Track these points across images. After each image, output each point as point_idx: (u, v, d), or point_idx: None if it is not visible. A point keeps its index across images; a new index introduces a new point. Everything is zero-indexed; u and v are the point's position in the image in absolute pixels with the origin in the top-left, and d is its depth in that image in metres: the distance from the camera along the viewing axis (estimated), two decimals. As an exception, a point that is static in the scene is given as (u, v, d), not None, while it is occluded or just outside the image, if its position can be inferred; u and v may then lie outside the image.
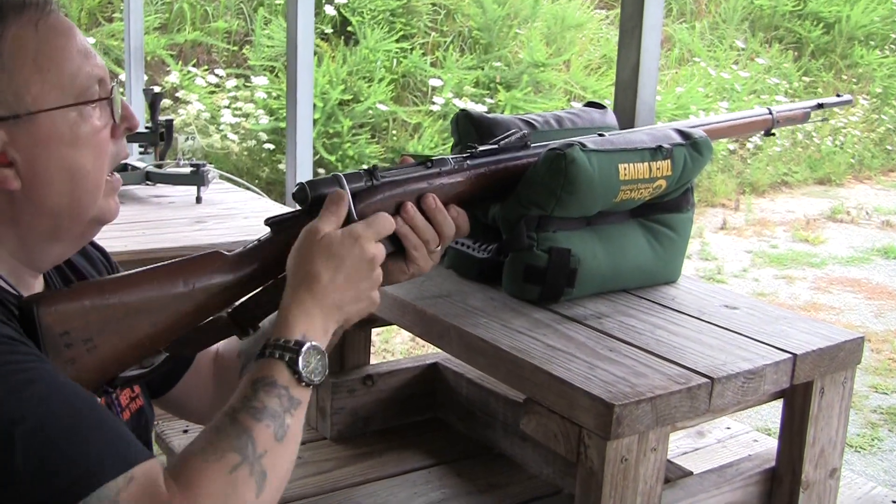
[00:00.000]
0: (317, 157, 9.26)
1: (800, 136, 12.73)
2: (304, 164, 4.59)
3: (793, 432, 2.02)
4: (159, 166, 4.49)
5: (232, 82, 10.31)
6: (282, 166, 9.10)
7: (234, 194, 4.47)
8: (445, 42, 11.50)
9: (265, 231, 1.64)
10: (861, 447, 5.36)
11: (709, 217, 10.62)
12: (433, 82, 10.82)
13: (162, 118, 4.54)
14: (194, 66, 10.43)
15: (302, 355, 1.40)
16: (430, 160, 1.80)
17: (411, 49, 11.15)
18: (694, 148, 2.20)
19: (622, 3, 2.91)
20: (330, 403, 2.54)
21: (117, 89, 1.51)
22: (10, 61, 1.39)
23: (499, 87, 11.11)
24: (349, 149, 9.79)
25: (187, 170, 4.33)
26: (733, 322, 2.05)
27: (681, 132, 2.23)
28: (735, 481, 2.00)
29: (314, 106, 8.75)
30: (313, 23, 4.62)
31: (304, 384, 1.40)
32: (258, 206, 4.09)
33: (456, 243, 2.19)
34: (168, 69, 10.21)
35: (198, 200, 4.20)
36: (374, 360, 2.69)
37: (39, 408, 1.21)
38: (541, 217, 2.04)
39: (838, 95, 2.79)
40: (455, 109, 10.06)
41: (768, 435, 2.93)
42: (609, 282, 2.18)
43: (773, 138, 12.21)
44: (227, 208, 4.05)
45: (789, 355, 1.87)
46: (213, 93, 10.14)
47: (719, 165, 11.64)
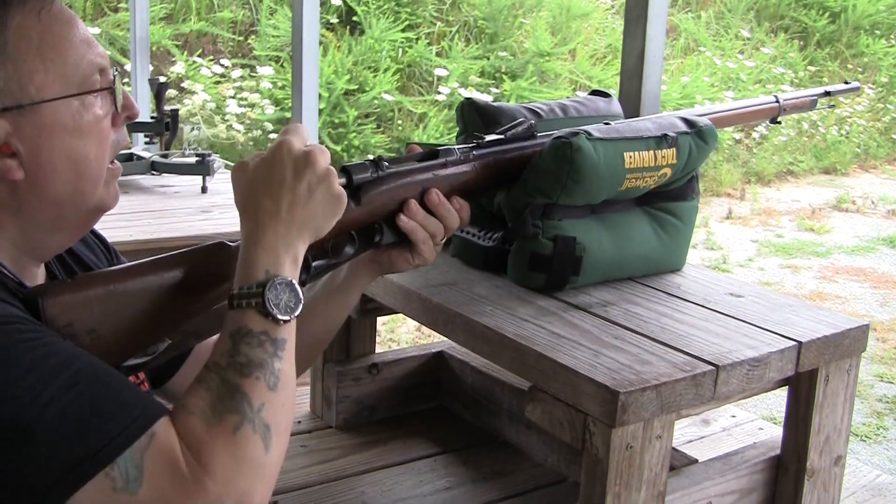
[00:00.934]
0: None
1: (805, 125, 12.71)
2: (310, 154, 4.58)
3: (798, 420, 2.02)
4: (164, 156, 4.50)
5: (237, 72, 10.31)
6: (287, 156, 9.07)
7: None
8: (451, 32, 11.49)
9: None
10: (867, 436, 5.36)
11: (714, 206, 10.61)
12: (439, 72, 10.82)
13: (167, 108, 4.55)
14: (200, 56, 10.43)
15: (267, 295, 1.36)
16: (437, 150, 1.80)
17: (417, 39, 11.14)
18: (699, 136, 2.19)
19: (627, -9, 2.91)
20: (335, 392, 2.54)
21: (118, 78, 1.51)
22: (14, 50, 1.39)
23: (504, 76, 11.10)
24: (355, 139, 9.79)
25: (192, 159, 4.33)
26: (738, 310, 2.05)
27: (686, 120, 2.23)
28: (740, 469, 2.00)
29: (319, 96, 8.76)
30: (319, 12, 4.62)
31: (281, 322, 1.37)
32: (263, 196, 4.08)
33: (461, 232, 2.19)
34: (174, 59, 10.21)
35: (203, 190, 4.21)
36: (379, 350, 2.69)
37: (60, 378, 1.21)
38: (546, 205, 2.04)
39: (846, 83, 2.79)
40: (461, 99, 10.02)
41: (773, 423, 2.93)
42: (614, 270, 2.18)
43: (778, 128, 12.20)
44: (232, 198, 4.05)
45: (794, 343, 1.87)
46: (218, 83, 10.14)
47: (725, 155, 11.62)
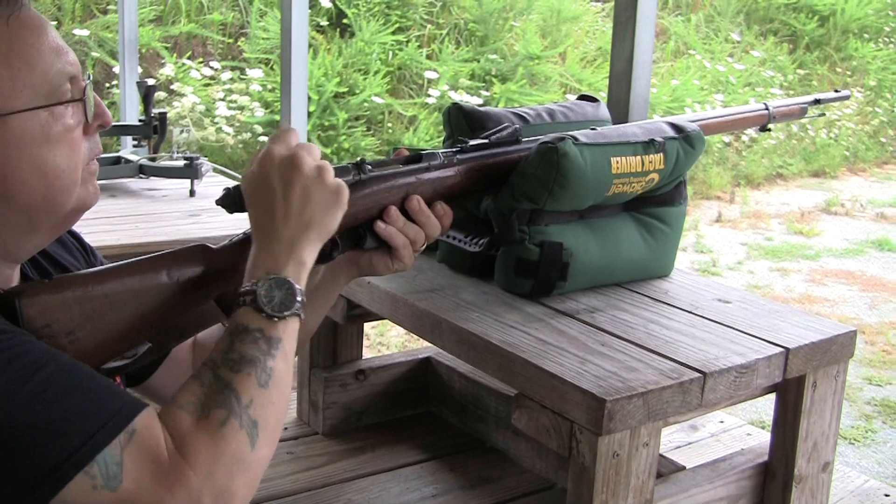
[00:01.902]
0: (312, 150, 9.22)
1: (794, 128, 12.72)
2: (299, 157, 4.57)
3: (785, 426, 2.01)
4: (153, 159, 4.48)
5: (227, 75, 10.29)
6: (276, 159, 9.05)
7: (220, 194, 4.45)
8: (441, 34, 11.48)
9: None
10: (855, 439, 5.36)
11: (704, 209, 10.62)
12: (429, 75, 10.81)
13: (156, 111, 4.54)
14: (189, 58, 10.41)
15: (259, 291, 1.37)
16: (420, 154, 1.80)
17: (407, 41, 11.13)
18: (687, 141, 2.19)
19: (616, -6, 2.91)
20: (322, 398, 2.54)
21: (90, 87, 1.49)
22: None
23: (494, 79, 11.10)
24: (344, 141, 9.78)
25: (181, 163, 4.32)
26: (726, 316, 2.05)
27: (673, 126, 2.22)
28: (728, 475, 1.99)
29: (309, 98, 8.76)
30: (308, 15, 4.62)
31: (276, 320, 1.37)
32: (252, 200, 4.07)
33: (448, 237, 2.18)
34: (163, 61, 10.19)
35: (191, 194, 4.19)
36: (369, 354, 2.68)
37: (33, 379, 1.20)
38: (533, 210, 2.04)
39: (836, 91, 2.78)
40: (451, 102, 10.06)
41: (762, 428, 2.92)
42: (601, 276, 2.17)
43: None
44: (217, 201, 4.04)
45: (782, 349, 1.87)
46: (208, 85, 10.12)
47: (714, 158, 11.63)
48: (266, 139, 1.64)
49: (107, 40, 9.91)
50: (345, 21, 10.96)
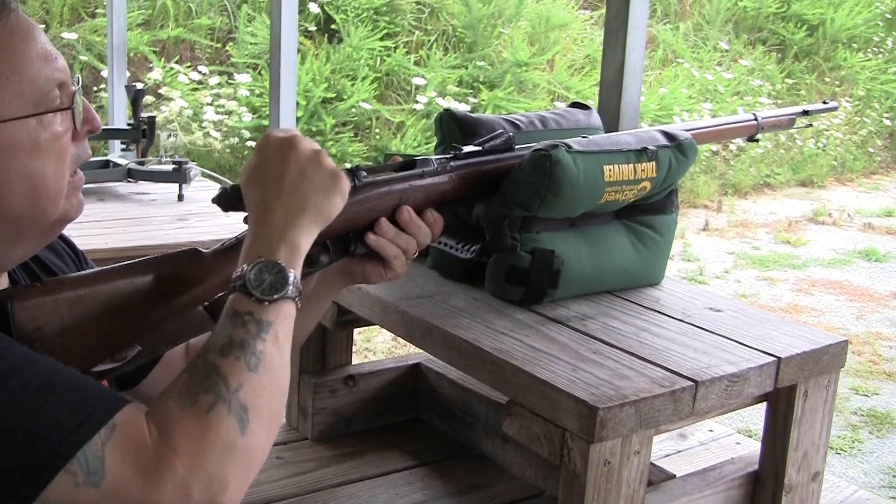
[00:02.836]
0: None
1: (782, 138, 12.74)
2: (287, 162, 4.57)
3: (776, 436, 2.01)
4: (141, 163, 4.47)
5: (215, 79, 10.27)
6: (264, 164, 9.04)
7: (215, 192, 4.45)
8: (429, 41, 11.48)
9: (244, 229, 1.62)
10: (842, 449, 5.36)
11: (691, 218, 10.63)
12: (417, 81, 10.81)
13: (144, 115, 4.53)
14: (177, 62, 10.39)
15: (248, 276, 1.35)
16: (414, 161, 1.80)
17: (395, 47, 11.13)
18: (679, 150, 2.19)
19: (607, 2, 2.90)
20: (311, 403, 2.53)
21: (79, 93, 1.47)
22: None
23: (482, 86, 11.10)
24: (332, 147, 9.77)
25: (169, 167, 4.31)
26: (717, 325, 2.05)
27: (666, 134, 2.22)
28: (718, 484, 1.99)
29: (297, 104, 8.73)
30: (297, 20, 4.61)
31: (266, 303, 1.34)
32: (240, 204, 4.06)
33: (439, 243, 2.18)
34: (151, 66, 10.17)
35: (179, 198, 4.19)
36: (356, 360, 2.68)
37: (11, 381, 1.18)
38: (525, 218, 2.03)
39: (824, 102, 2.79)
40: (438, 108, 10.06)
41: (750, 437, 2.92)
42: (593, 283, 2.17)
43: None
44: (209, 206, 3.98)
45: (773, 359, 1.87)
46: (196, 90, 10.10)
47: (702, 167, 11.65)
48: (254, 144, 1.64)
49: (95, 44, 9.89)
50: (333, 27, 10.96)
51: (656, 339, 1.93)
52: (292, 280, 1.39)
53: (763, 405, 2.04)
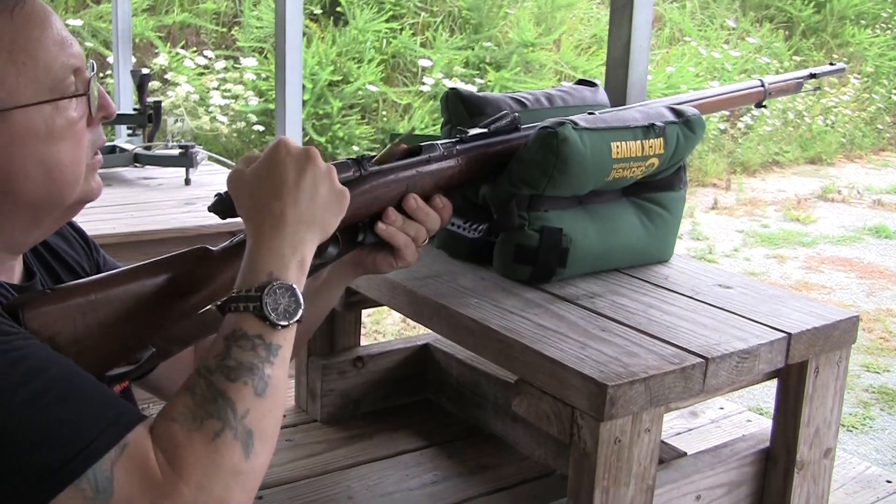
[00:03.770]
0: (307, 138, 9.24)
1: (791, 115, 12.72)
2: (294, 146, 4.56)
3: (787, 412, 2.00)
4: (147, 148, 4.47)
5: (221, 64, 10.27)
6: (271, 148, 9.04)
7: (222, 176, 4.44)
8: (435, 22, 11.46)
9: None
10: (853, 426, 5.36)
11: (700, 197, 10.62)
12: (423, 63, 10.80)
13: (150, 100, 4.52)
14: (183, 47, 10.39)
15: (266, 300, 1.33)
16: (420, 147, 1.79)
17: (401, 29, 11.12)
18: (686, 126, 2.17)
19: (613, -21, 2.89)
20: (320, 385, 2.52)
21: (94, 79, 1.46)
22: None
23: (488, 67, 11.08)
24: (339, 130, 9.77)
25: (175, 152, 4.31)
26: (727, 301, 2.03)
27: (673, 110, 2.21)
28: (729, 462, 1.98)
29: (304, 87, 8.72)
30: (302, 3, 4.60)
31: (278, 327, 1.33)
32: (247, 188, 4.06)
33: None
34: (157, 51, 10.17)
35: (186, 182, 4.19)
36: (364, 342, 2.67)
37: (31, 385, 1.18)
38: (532, 196, 2.02)
39: (831, 64, 2.77)
40: (445, 90, 9.99)
41: (761, 415, 2.91)
42: (601, 261, 2.16)
43: (763, 118, 12.21)
44: (216, 190, 4.02)
45: (784, 335, 1.85)
46: (202, 74, 10.10)
47: (710, 145, 11.63)
48: (261, 128, 1.63)
49: (100, 30, 9.89)
50: (338, 9, 10.95)
51: (665, 317, 1.92)
52: (303, 303, 1.37)
53: (774, 382, 2.02)
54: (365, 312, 2.98)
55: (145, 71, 4.72)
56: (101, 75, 9.24)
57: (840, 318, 1.97)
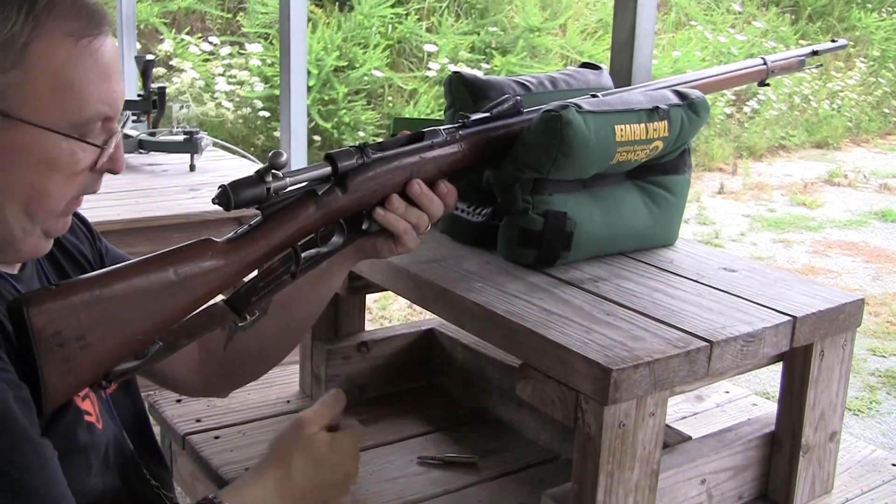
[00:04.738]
0: (312, 124, 9.23)
1: (797, 99, 12.70)
2: (299, 132, 4.57)
3: (792, 396, 2.00)
4: (152, 134, 4.47)
5: (226, 50, 10.26)
6: (277, 133, 9.07)
7: (227, 162, 4.45)
8: (441, 7, 11.44)
9: (255, 215, 1.61)
10: (859, 410, 5.36)
11: (706, 181, 10.60)
12: (428, 48, 10.78)
13: (154, 86, 4.52)
14: (188, 33, 10.38)
15: None
16: (422, 133, 1.78)
17: (406, 14, 11.09)
18: (691, 108, 2.16)
19: (618, -38, 2.88)
20: (324, 370, 2.52)
21: (117, 136, 1.46)
22: (34, 62, 1.34)
23: (494, 52, 11.06)
24: (345, 115, 9.75)
25: (180, 137, 4.31)
26: (732, 285, 2.03)
27: (678, 93, 2.20)
28: (735, 446, 1.98)
29: (309, 73, 8.72)
30: (306, -12, 4.59)
31: None
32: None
33: (450, 208, 2.16)
34: (161, 37, 10.16)
35: (191, 168, 4.19)
36: (370, 328, 2.66)
37: None
38: (536, 180, 2.01)
39: (833, 41, 2.75)
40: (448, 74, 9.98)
41: (767, 399, 2.91)
42: (606, 245, 2.15)
43: (770, 102, 12.18)
44: (221, 176, 4.03)
45: (789, 318, 1.85)
46: (207, 60, 10.10)
47: (716, 130, 11.61)
48: (266, 114, 1.62)
49: (105, 16, 9.86)
50: (344, -5, 10.93)
51: (670, 300, 1.92)
52: None
53: (779, 366, 2.02)
54: (371, 298, 2.98)
55: (150, 57, 4.72)
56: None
57: (845, 301, 1.96)
